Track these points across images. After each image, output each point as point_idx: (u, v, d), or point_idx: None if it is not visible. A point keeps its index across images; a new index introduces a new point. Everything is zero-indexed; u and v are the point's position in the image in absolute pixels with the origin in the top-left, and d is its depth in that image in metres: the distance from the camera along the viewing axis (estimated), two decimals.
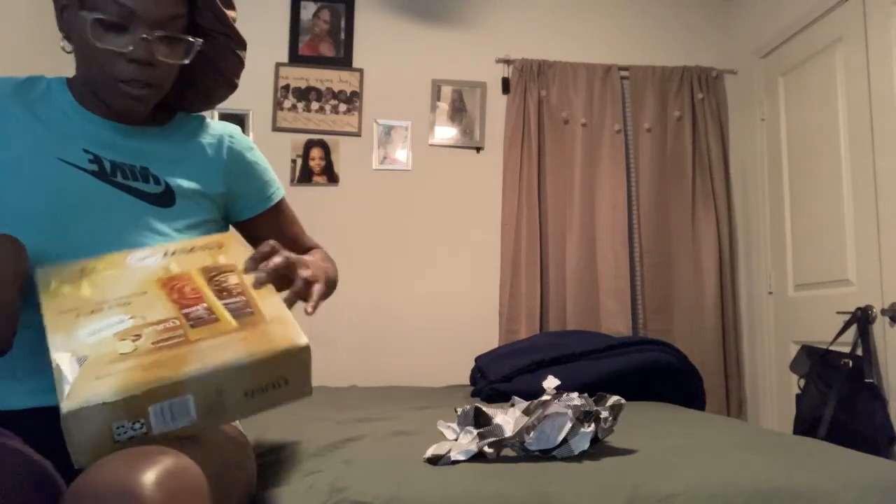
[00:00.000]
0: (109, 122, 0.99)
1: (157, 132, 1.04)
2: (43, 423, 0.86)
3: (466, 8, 3.35)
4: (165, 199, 0.99)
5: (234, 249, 0.89)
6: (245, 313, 0.77)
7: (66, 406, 0.66)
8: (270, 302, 0.79)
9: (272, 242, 0.89)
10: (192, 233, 1.00)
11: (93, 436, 0.66)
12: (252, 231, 1.17)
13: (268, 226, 1.16)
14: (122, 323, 0.77)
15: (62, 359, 0.72)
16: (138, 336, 0.74)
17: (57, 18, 0.97)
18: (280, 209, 1.19)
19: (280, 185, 1.19)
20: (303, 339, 0.74)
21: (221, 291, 0.80)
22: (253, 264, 0.87)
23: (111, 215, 0.94)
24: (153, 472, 0.61)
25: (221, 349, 0.72)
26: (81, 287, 0.83)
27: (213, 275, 0.83)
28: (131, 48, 0.91)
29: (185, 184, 1.01)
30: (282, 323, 0.75)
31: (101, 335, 0.75)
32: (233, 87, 1.12)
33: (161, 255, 0.86)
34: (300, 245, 1.22)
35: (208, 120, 1.13)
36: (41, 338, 0.89)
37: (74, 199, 0.92)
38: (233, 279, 0.82)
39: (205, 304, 0.78)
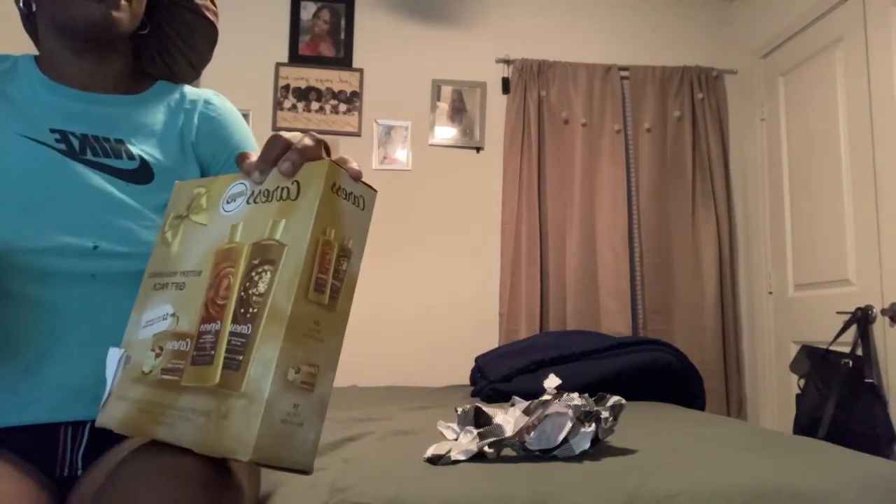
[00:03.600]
0: (80, 91, 0.92)
1: (132, 100, 0.96)
2: (32, 438, 0.81)
3: (466, 8, 3.35)
4: (141, 175, 0.90)
5: (303, 208, 0.62)
6: (234, 363, 0.60)
7: (98, 419, 0.70)
8: (267, 346, 0.58)
9: (285, 136, 0.65)
10: None
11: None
12: None
13: None
14: (165, 320, 0.68)
15: (114, 352, 0.71)
16: (161, 350, 0.67)
17: None
18: None
19: None
20: (248, 451, 0.55)
21: (243, 303, 0.62)
22: (266, 166, 0.65)
23: (84, 196, 0.85)
24: (190, 478, 0.61)
25: (186, 421, 0.61)
26: (178, 234, 0.72)
27: (256, 263, 0.63)
28: None
29: (162, 157, 0.93)
30: (252, 406, 0.57)
31: (150, 329, 0.69)
32: (211, 25, 1.02)
33: (247, 198, 0.67)
34: None
35: (190, 87, 1.04)
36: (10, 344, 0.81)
37: (42, 179, 0.84)
38: (265, 279, 0.61)
39: (218, 325, 0.63)
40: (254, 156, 0.67)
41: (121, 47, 0.96)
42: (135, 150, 0.91)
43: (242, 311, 0.62)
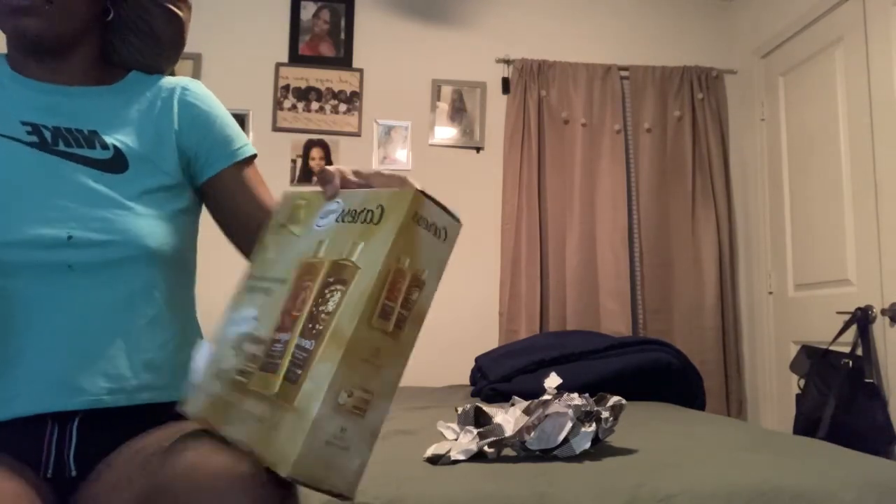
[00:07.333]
0: (51, 84, 0.91)
1: (104, 91, 0.94)
2: (17, 435, 0.80)
3: (466, 8, 3.35)
4: (116, 164, 0.89)
5: (381, 234, 0.63)
6: (294, 376, 0.61)
7: (186, 409, 0.76)
8: (324, 366, 0.59)
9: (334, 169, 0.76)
10: (149, 199, 0.90)
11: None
12: (217, 194, 0.99)
13: (234, 186, 0.99)
14: (249, 323, 0.72)
15: (203, 346, 0.77)
16: (241, 352, 0.70)
17: None
18: (249, 169, 1.01)
19: (249, 144, 1.02)
20: (287, 466, 0.57)
21: (312, 318, 0.64)
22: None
23: (57, 187, 0.84)
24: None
25: (243, 423, 0.64)
26: (278, 242, 0.77)
27: (331, 281, 0.65)
28: None
29: (137, 145, 0.92)
30: (299, 422, 0.58)
31: (236, 328, 0.73)
32: (169, 12, 0.97)
33: (338, 216, 0.71)
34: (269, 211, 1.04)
35: (166, 77, 1.01)
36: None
37: (14, 173, 0.84)
38: (335, 298, 0.63)
39: (289, 336, 0.65)
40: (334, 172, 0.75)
41: (84, 40, 0.93)
42: (108, 139, 0.90)
43: (310, 326, 0.63)
